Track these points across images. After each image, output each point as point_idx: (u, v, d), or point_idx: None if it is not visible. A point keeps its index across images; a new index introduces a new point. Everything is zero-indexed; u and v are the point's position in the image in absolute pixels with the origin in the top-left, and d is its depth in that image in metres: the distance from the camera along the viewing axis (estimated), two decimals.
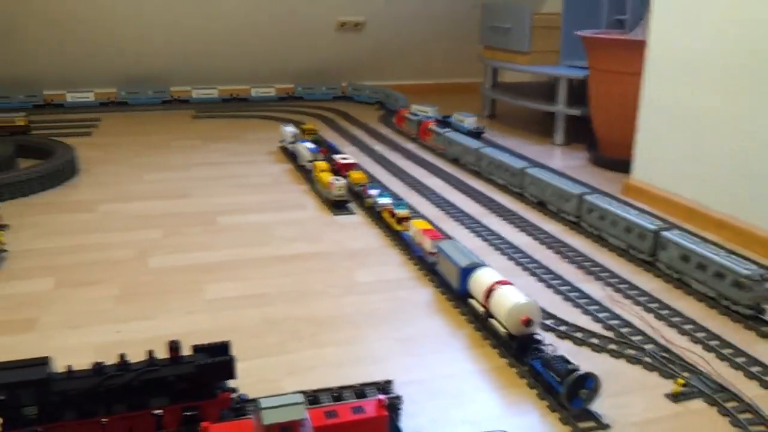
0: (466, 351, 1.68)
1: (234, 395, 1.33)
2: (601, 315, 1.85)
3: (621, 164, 3.20)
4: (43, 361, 1.18)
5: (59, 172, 2.97)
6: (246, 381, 1.48)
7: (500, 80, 4.84)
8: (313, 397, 1.41)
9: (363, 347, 1.69)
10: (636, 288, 2.03)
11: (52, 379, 1.17)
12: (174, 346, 1.24)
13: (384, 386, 1.46)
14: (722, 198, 2.48)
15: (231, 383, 1.33)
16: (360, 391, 1.44)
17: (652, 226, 2.18)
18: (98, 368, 1.20)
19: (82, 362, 1.51)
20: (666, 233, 2.13)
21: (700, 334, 1.76)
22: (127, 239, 2.37)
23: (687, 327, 1.79)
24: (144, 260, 2.20)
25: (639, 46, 2.94)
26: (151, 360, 1.24)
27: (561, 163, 3.48)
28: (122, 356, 1.22)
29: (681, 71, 2.62)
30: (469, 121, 3.88)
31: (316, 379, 1.54)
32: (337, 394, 1.43)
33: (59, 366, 1.27)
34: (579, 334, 1.75)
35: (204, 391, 1.26)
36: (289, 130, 3.49)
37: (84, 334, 1.73)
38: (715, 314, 1.89)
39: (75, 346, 1.67)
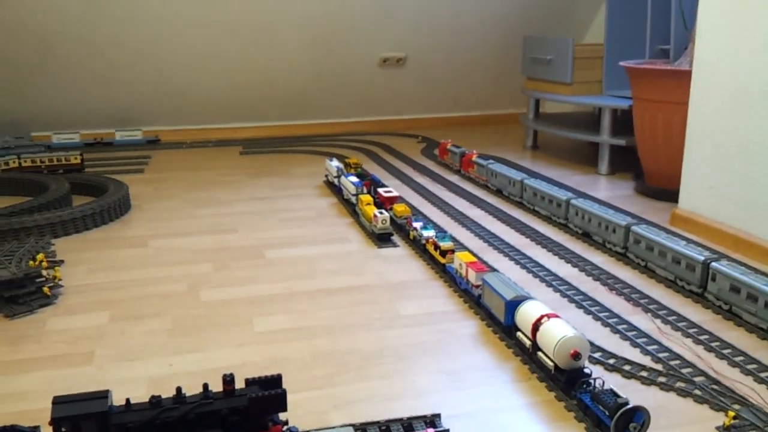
0: (513, 384, 1.69)
1: (285, 428, 1.35)
2: (650, 348, 1.83)
3: (668, 194, 3.18)
4: (104, 395, 1.22)
5: (112, 209, 3.06)
6: (295, 413, 1.51)
7: (542, 111, 4.85)
8: (361, 430, 1.43)
9: (409, 380, 1.70)
10: (685, 320, 2.01)
11: (112, 411, 1.21)
12: (228, 380, 1.28)
13: (432, 420, 1.47)
14: None
15: (281, 416, 1.35)
16: (408, 424, 1.45)
17: (700, 257, 2.16)
18: (155, 401, 1.24)
19: (136, 394, 1.56)
20: (715, 264, 2.10)
21: (751, 366, 1.73)
22: (178, 273, 2.43)
23: (738, 359, 1.77)
24: (195, 294, 2.25)
25: (684, 76, 2.93)
26: (206, 393, 1.27)
27: (606, 194, 3.46)
28: (179, 390, 1.26)
29: (727, 100, 2.60)
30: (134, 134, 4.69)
31: (364, 412, 1.56)
32: (385, 427, 1.44)
33: (117, 399, 1.31)
34: (628, 367, 1.74)
35: (256, 423, 1.29)
36: (334, 164, 3.54)
37: (138, 367, 1.78)
38: (766, 345, 1.86)
39: (130, 379, 1.72)
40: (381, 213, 2.73)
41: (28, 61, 4.52)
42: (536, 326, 1.69)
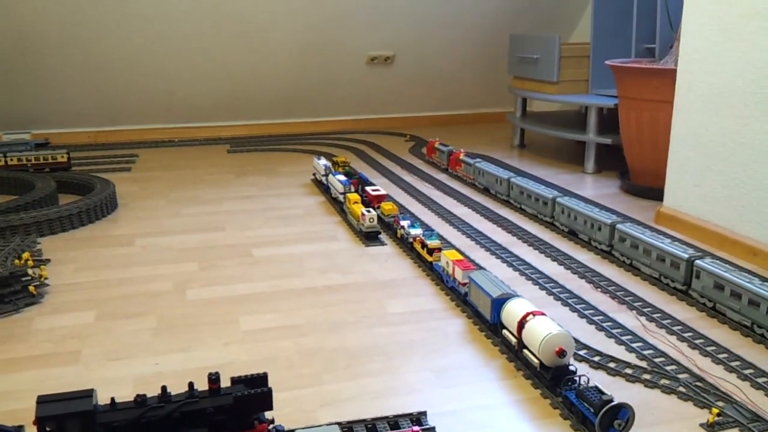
0: (499, 382, 1.69)
1: (271, 426, 1.35)
2: (634, 345, 1.85)
3: (653, 192, 3.20)
4: (88, 394, 1.22)
5: (99, 208, 3.05)
6: (282, 412, 1.51)
7: (529, 110, 4.86)
8: (347, 428, 1.43)
9: (396, 378, 1.71)
10: (670, 317, 2.03)
11: (97, 410, 1.21)
12: (213, 378, 1.28)
13: (418, 417, 1.48)
14: (756, 225, 2.46)
15: (267, 414, 1.36)
16: (394, 422, 1.46)
17: (685, 255, 2.17)
18: (140, 400, 1.24)
19: (122, 393, 1.56)
20: (699, 261, 2.12)
21: (734, 363, 1.74)
22: (164, 272, 2.42)
23: (721, 356, 1.78)
24: (181, 293, 2.24)
25: (669, 75, 2.96)
26: (191, 392, 1.27)
27: (592, 192, 3.48)
28: (164, 389, 1.26)
29: (711, 99, 2.62)
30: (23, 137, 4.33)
31: (351, 409, 1.57)
32: (372, 425, 1.45)
33: (102, 398, 1.31)
34: (612, 365, 1.75)
35: (242, 422, 1.29)
36: (322, 162, 3.54)
37: (124, 366, 1.78)
38: (750, 342, 1.88)
39: (115, 378, 1.71)
40: (368, 211, 2.73)
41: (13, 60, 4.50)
42: (522, 324, 1.70)
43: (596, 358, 1.78)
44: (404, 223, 2.65)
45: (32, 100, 4.68)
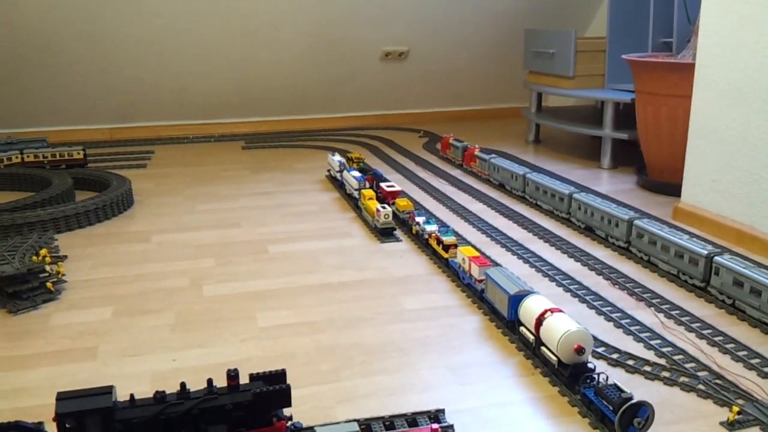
0: (516, 379, 1.69)
1: (289, 423, 1.35)
2: (653, 342, 1.83)
3: (670, 188, 3.18)
4: (108, 390, 1.22)
5: (115, 204, 3.06)
6: (299, 408, 1.51)
7: (545, 105, 4.84)
8: (365, 426, 1.43)
9: (413, 375, 1.71)
10: (688, 314, 2.01)
11: (117, 407, 1.21)
12: (232, 375, 1.28)
13: (436, 415, 1.47)
14: None
15: (286, 411, 1.35)
16: (412, 419, 1.45)
17: (704, 251, 2.15)
18: (160, 397, 1.24)
19: (139, 390, 1.57)
20: (719, 258, 2.10)
21: (754, 361, 1.73)
22: (181, 269, 2.43)
23: (741, 353, 1.77)
24: (198, 289, 2.25)
25: (686, 69, 2.93)
26: (210, 388, 1.27)
27: (609, 188, 3.45)
28: (183, 385, 1.26)
29: (730, 93, 2.59)
30: None
31: (368, 406, 1.56)
32: (390, 422, 1.44)
33: (120, 394, 1.31)
34: (631, 362, 1.74)
35: (261, 418, 1.29)
36: (336, 159, 3.54)
37: (141, 362, 1.78)
38: None
39: (133, 374, 1.72)
40: (383, 208, 2.73)
41: (27, 59, 4.53)
42: (540, 321, 1.69)
43: (614, 356, 1.77)
44: (419, 219, 2.64)
45: (44, 97, 4.71)
